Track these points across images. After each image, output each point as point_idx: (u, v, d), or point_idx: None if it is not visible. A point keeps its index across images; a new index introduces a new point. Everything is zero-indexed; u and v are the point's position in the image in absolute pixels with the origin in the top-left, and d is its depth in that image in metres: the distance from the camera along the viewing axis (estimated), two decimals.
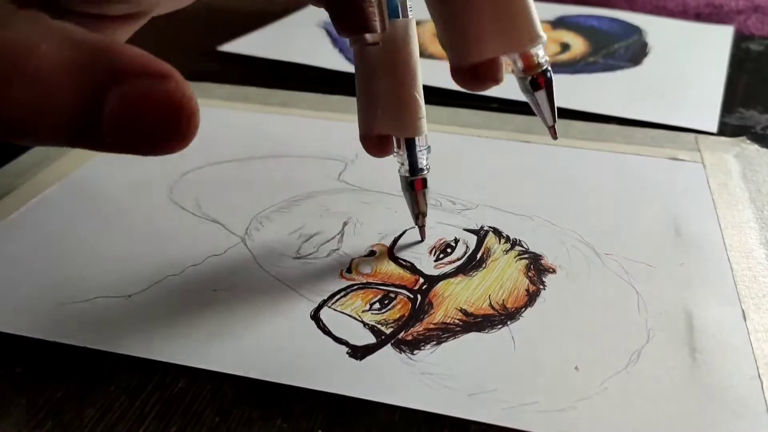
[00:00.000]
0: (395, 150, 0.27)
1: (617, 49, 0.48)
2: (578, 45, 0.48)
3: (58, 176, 0.33)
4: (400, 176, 0.27)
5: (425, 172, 0.27)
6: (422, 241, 0.28)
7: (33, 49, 0.15)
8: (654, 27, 0.52)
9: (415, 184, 0.27)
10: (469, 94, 0.40)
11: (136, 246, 0.28)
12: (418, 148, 0.26)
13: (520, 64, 0.23)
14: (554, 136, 0.25)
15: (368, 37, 0.24)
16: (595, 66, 0.45)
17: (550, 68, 0.23)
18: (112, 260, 0.28)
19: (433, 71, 0.44)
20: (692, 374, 0.22)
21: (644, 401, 0.21)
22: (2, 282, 0.26)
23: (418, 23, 0.27)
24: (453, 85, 0.28)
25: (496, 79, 0.24)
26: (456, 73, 0.24)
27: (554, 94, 0.24)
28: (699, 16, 0.55)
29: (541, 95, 0.24)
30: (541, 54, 0.23)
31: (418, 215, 0.28)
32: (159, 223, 0.30)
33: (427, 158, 0.27)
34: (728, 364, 0.23)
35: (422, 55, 0.27)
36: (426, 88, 0.28)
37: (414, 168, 0.26)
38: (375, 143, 0.26)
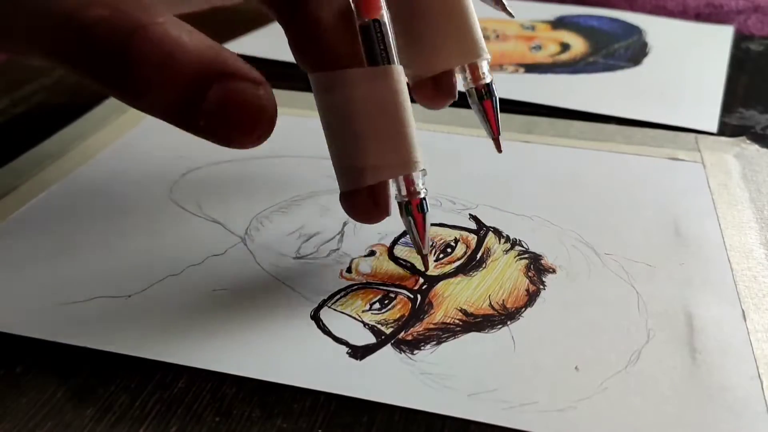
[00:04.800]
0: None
1: (617, 49, 0.48)
2: (578, 45, 0.48)
3: (59, 176, 0.33)
4: (398, 203, 0.25)
5: (422, 194, 0.25)
6: (426, 271, 0.27)
7: (177, 38, 0.20)
8: (654, 27, 0.52)
9: (412, 209, 0.25)
10: None
11: (136, 246, 0.28)
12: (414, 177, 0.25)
13: (469, 76, 0.26)
14: (499, 149, 0.28)
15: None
16: (595, 66, 0.45)
17: (493, 84, 0.27)
18: (112, 260, 0.28)
19: None
20: (692, 374, 0.22)
21: (644, 401, 0.21)
22: (2, 282, 0.26)
23: None
24: None
25: (452, 93, 0.27)
26: (418, 88, 0.27)
27: (498, 110, 0.27)
28: (699, 16, 0.55)
29: (486, 105, 0.27)
30: (486, 69, 0.26)
31: (421, 242, 0.26)
32: (159, 223, 0.30)
33: (423, 182, 0.25)
34: (728, 364, 0.23)
35: None
36: None
37: (411, 192, 0.25)
38: (367, 194, 0.24)
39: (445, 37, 0.26)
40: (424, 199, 0.25)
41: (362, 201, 0.24)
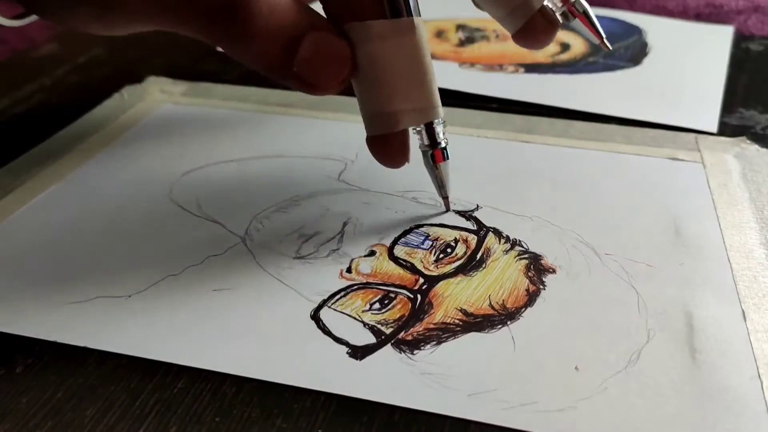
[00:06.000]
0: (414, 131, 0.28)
1: (617, 49, 0.48)
2: (578, 45, 0.48)
3: (58, 176, 0.33)
4: (422, 151, 0.28)
5: (444, 144, 0.28)
6: (447, 211, 0.30)
7: None
8: (654, 27, 0.52)
9: (435, 157, 0.28)
10: (469, 94, 0.40)
11: (136, 246, 0.28)
12: (435, 124, 0.28)
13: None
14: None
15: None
16: (595, 66, 0.45)
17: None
18: (112, 260, 0.28)
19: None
20: (692, 374, 0.22)
21: (644, 401, 0.21)
22: (2, 282, 0.26)
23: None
24: (453, 86, 0.29)
25: (556, 21, 0.28)
26: (522, 30, 0.28)
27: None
28: (699, 16, 0.55)
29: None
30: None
31: (442, 186, 0.29)
32: (159, 223, 0.30)
33: (444, 131, 0.28)
34: (728, 364, 0.23)
35: None
36: None
37: (434, 140, 0.28)
38: (398, 142, 0.27)
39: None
40: (446, 147, 0.28)
41: (389, 145, 0.27)
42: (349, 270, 0.27)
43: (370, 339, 0.24)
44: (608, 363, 0.23)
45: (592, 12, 0.28)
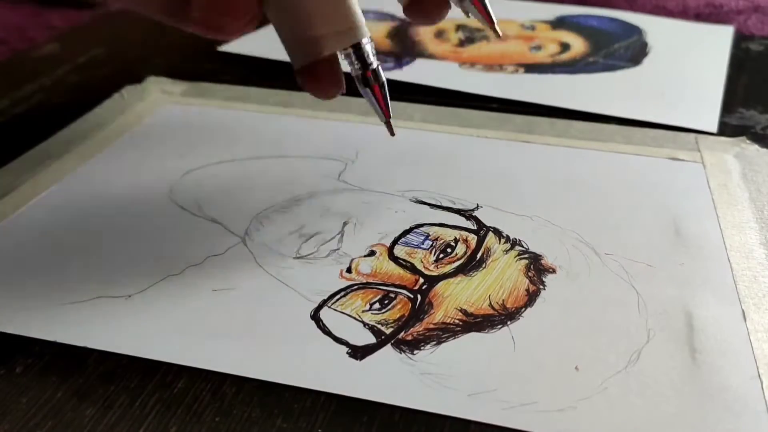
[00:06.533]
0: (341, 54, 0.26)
1: (617, 49, 0.48)
2: (578, 45, 0.48)
3: (58, 176, 0.33)
4: (354, 76, 0.26)
5: (375, 64, 0.26)
6: (392, 135, 0.27)
7: None
8: (654, 27, 0.52)
9: (369, 79, 0.26)
10: (469, 94, 0.40)
11: (136, 246, 0.28)
12: (364, 44, 0.26)
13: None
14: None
15: None
16: (595, 66, 0.45)
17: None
18: (112, 260, 0.28)
19: (433, 71, 0.44)
20: (692, 374, 0.22)
21: (644, 401, 0.21)
22: (2, 282, 0.26)
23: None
24: (453, 86, 0.29)
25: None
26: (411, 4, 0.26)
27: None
28: (699, 16, 0.55)
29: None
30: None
31: (382, 110, 0.27)
32: (159, 223, 0.30)
33: (373, 52, 0.26)
34: (728, 364, 0.23)
35: (422, 55, 0.27)
36: (426, 88, 0.28)
37: (364, 62, 0.26)
38: (327, 69, 0.25)
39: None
40: (378, 67, 0.26)
41: (318, 74, 0.25)
42: (349, 270, 0.27)
43: (370, 339, 0.24)
44: (608, 363, 0.23)
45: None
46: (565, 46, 0.48)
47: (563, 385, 0.22)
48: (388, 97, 0.27)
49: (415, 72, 0.43)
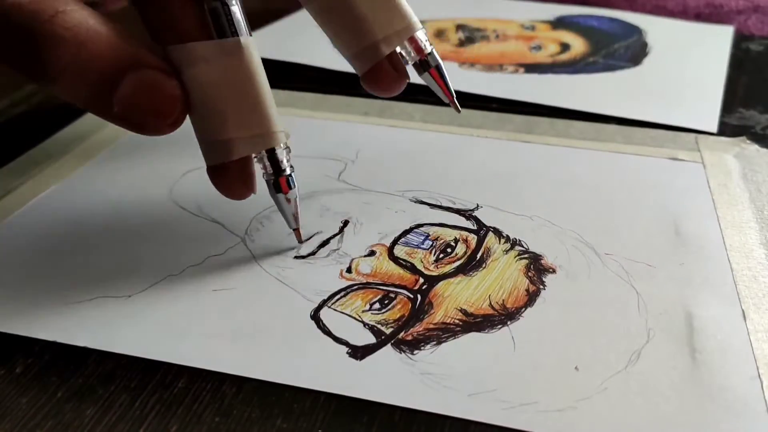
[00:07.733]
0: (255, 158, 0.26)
1: (617, 49, 0.48)
2: (578, 45, 0.48)
3: (58, 176, 0.33)
4: (266, 180, 0.26)
5: (289, 171, 0.26)
6: (300, 243, 0.28)
7: (93, 27, 0.21)
8: (654, 27, 0.52)
9: (281, 185, 0.26)
10: (469, 94, 0.40)
11: (136, 246, 0.28)
12: (278, 151, 0.25)
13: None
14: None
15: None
16: (595, 66, 0.45)
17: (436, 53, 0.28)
18: (112, 260, 0.28)
19: None
20: (692, 374, 0.22)
21: (644, 401, 0.21)
22: (2, 282, 0.26)
23: (422, 22, 0.27)
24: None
25: (404, 72, 0.27)
26: (369, 74, 0.27)
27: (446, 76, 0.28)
28: (699, 16, 0.55)
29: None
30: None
31: (290, 218, 0.27)
32: (159, 223, 0.30)
33: (289, 158, 0.26)
34: (728, 364, 0.23)
35: None
36: (426, 88, 0.28)
37: (277, 168, 0.26)
38: (238, 171, 0.25)
39: (376, 9, 0.26)
40: (291, 175, 0.26)
41: (228, 175, 0.25)
42: (349, 270, 0.27)
43: (370, 339, 0.24)
44: (608, 363, 0.23)
45: (445, 69, 0.28)
46: (565, 46, 0.48)
47: (563, 385, 0.22)
48: (299, 206, 0.27)
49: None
